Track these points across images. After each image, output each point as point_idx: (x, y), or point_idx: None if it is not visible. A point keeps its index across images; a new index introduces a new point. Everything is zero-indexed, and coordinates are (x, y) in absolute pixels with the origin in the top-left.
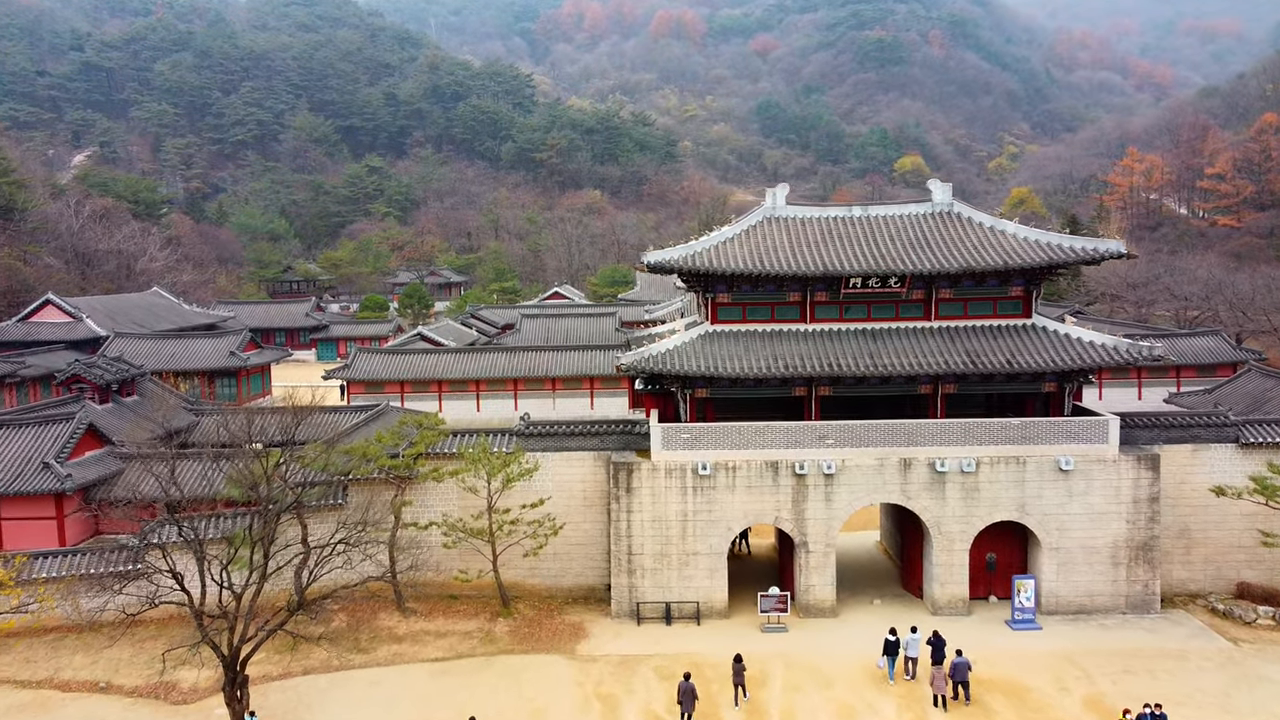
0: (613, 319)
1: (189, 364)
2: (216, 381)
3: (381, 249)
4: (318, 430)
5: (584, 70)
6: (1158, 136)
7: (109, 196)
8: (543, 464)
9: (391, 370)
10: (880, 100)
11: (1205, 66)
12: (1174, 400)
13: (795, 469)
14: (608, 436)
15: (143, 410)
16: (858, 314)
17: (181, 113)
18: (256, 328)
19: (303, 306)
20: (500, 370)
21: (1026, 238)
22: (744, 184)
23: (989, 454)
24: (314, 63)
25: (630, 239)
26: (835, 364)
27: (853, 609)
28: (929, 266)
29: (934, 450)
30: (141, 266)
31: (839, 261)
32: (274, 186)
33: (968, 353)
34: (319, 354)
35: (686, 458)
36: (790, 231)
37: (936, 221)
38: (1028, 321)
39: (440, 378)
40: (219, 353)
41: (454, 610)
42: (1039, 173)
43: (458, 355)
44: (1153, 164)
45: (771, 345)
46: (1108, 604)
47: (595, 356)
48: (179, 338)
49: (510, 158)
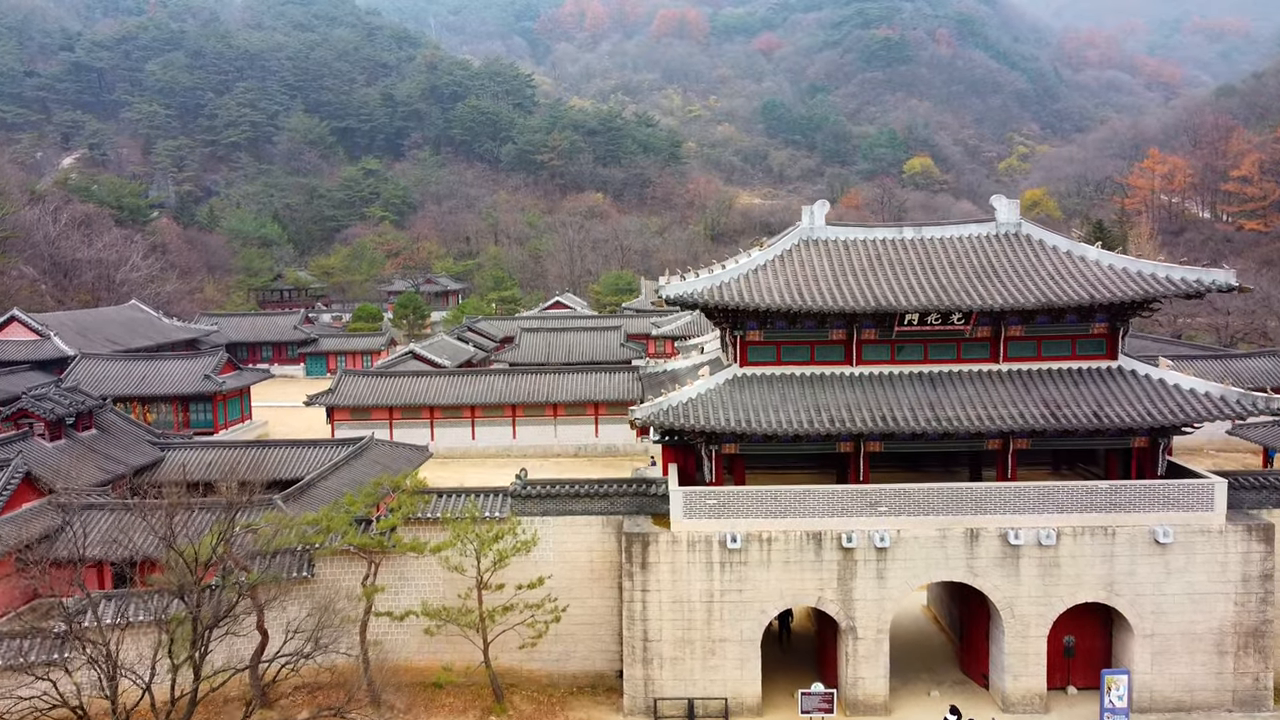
0: (618, 333)
1: (160, 388)
2: (191, 407)
3: (376, 255)
4: (295, 466)
5: (585, 70)
6: (1175, 137)
7: (91, 202)
8: (543, 531)
9: (380, 394)
10: (887, 100)
11: (1214, 66)
12: (1239, 433)
13: (842, 541)
14: (619, 498)
15: (101, 446)
16: (913, 355)
17: (173, 114)
18: (242, 341)
19: (290, 319)
20: (497, 395)
21: (1113, 266)
22: (749, 185)
23: (1072, 524)
24: (309, 62)
25: (634, 244)
26: (889, 417)
27: (907, 702)
28: (1002, 301)
29: (1006, 519)
30: (122, 277)
31: (892, 294)
32: (267, 190)
33: (1045, 403)
34: (307, 369)
35: (713, 528)
36: (832, 256)
37: (1003, 245)
38: (1113, 364)
39: (432, 403)
40: (193, 376)
41: (437, 704)
42: (1052, 174)
43: (451, 378)
44: (1175, 166)
45: (813, 393)
46: (1210, 700)
47: (600, 380)
48: (150, 359)
49: (510, 159)
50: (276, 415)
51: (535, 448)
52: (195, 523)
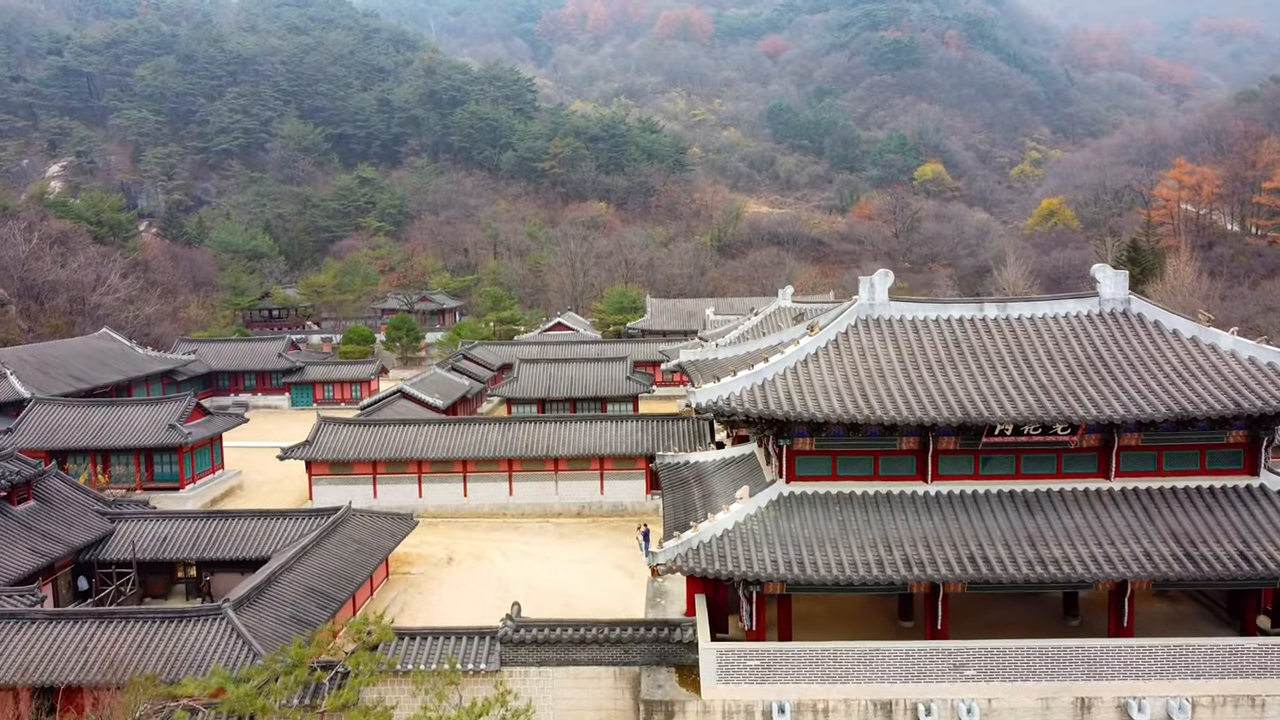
0: (623, 364)
1: (120, 439)
2: (155, 458)
3: (370, 270)
4: (261, 542)
5: (588, 72)
6: (1195, 143)
7: (68, 218)
8: (539, 687)
9: (362, 446)
10: (897, 104)
11: (1224, 67)
12: None
13: (919, 713)
14: (634, 645)
15: (39, 522)
16: (1002, 469)
17: (163, 120)
18: (223, 370)
19: (275, 345)
20: (491, 447)
21: (1255, 360)
22: (756, 192)
23: (1210, 692)
24: (304, 67)
25: (639, 257)
26: (980, 558)
27: None
28: (1123, 411)
29: (1127, 686)
30: (97, 300)
31: (981, 400)
32: (259, 199)
33: (1176, 537)
34: (293, 399)
35: (755, 695)
36: (898, 342)
37: (1109, 327)
38: (1254, 481)
39: (420, 456)
40: (156, 425)
41: None
42: (1068, 181)
43: (441, 428)
44: (1203, 176)
45: (879, 520)
46: None
47: (606, 430)
48: (110, 405)
49: (510, 167)
50: (253, 461)
51: (534, 506)
52: (132, 637)
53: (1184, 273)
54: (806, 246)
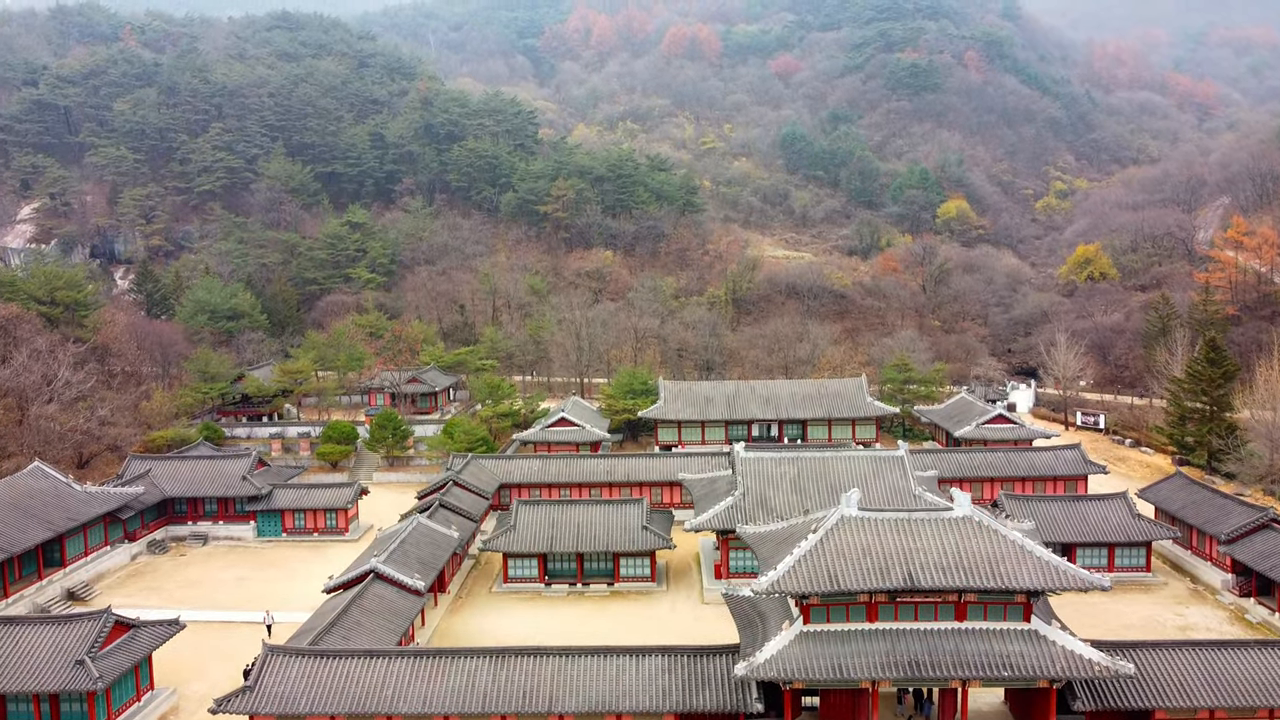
0: (638, 509)
1: (13, 680)
2: (61, 699)
3: (355, 347)
4: None
5: (592, 93)
6: (1236, 182)
7: (15, 302)
8: None
9: (318, 694)
10: (915, 131)
11: (1244, 81)
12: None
13: None
14: None
15: None
16: None
17: (143, 158)
18: (180, 495)
19: (240, 464)
20: (480, 697)
21: None
22: (769, 229)
23: None
24: (293, 100)
25: (649, 325)
26: None
27: None
28: None
29: None
30: (38, 411)
31: None
32: (241, 248)
33: None
34: (259, 528)
35: None
36: None
37: None
38: None
39: (390, 710)
40: (62, 657)
41: None
42: (1100, 222)
43: (417, 662)
44: (1265, 238)
45: None
46: None
47: (625, 671)
48: (8, 625)
49: (511, 209)
50: (196, 648)
51: None
52: None
53: (1276, 381)
54: (828, 301)
